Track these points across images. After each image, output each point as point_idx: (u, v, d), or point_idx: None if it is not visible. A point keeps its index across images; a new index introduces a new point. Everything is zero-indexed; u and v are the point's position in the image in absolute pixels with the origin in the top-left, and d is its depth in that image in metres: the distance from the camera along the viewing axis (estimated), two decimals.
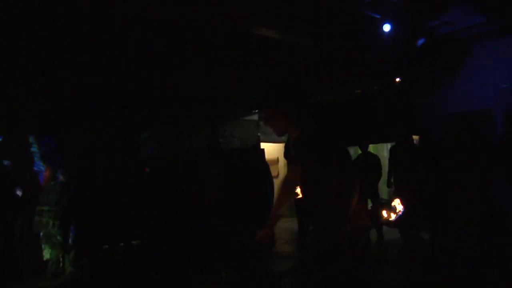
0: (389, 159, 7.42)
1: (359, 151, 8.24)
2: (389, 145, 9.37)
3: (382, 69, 8.55)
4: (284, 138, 3.19)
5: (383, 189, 8.81)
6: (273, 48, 7.40)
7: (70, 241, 6.52)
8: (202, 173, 7.08)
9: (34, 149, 7.09)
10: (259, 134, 11.43)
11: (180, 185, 8.22)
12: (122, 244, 7.83)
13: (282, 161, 11.34)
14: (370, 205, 8.18)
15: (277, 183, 10.22)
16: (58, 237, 6.41)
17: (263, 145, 11.38)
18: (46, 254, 6.62)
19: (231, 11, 6.17)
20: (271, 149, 11.08)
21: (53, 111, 7.23)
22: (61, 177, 6.56)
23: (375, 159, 7.93)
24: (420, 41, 7.69)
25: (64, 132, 7.09)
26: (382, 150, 10.80)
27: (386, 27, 7.06)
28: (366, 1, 6.54)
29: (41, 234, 6.52)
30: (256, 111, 11.86)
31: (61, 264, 6.60)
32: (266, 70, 8.58)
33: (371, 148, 9.59)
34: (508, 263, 5.30)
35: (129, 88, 8.13)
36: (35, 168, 6.98)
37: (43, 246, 6.63)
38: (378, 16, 7.02)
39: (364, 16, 6.98)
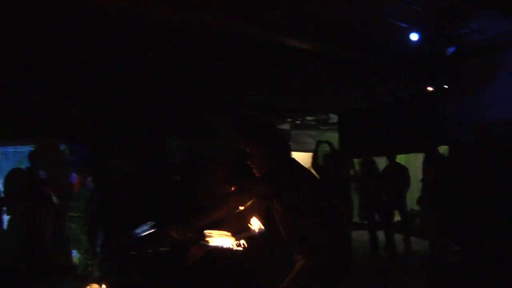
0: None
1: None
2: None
3: (412, 78, 8.42)
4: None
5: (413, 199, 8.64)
6: (303, 57, 7.45)
7: (97, 246, 6.70)
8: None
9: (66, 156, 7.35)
10: (290, 143, 11.42)
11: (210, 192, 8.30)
12: (150, 250, 7.97)
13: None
14: (397, 216, 8.10)
15: None
16: (86, 243, 6.59)
17: (294, 154, 11.36)
18: (75, 258, 6.81)
19: (264, 22, 6.29)
20: (302, 159, 10.96)
21: (84, 119, 7.49)
22: (90, 184, 6.75)
23: (403, 169, 7.81)
24: (451, 49, 7.53)
25: (94, 140, 7.29)
26: (416, 161, 10.59)
27: (414, 36, 6.95)
28: (389, 9, 6.46)
29: (70, 239, 6.71)
30: (288, 119, 11.90)
31: (89, 268, 6.78)
32: (296, 79, 8.66)
33: (403, 158, 9.45)
34: None
35: (160, 95, 8.33)
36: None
37: (72, 250, 6.83)
38: (405, 25, 6.94)
39: (391, 25, 6.92)
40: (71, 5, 5.15)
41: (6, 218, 6.55)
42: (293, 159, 2.98)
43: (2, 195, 6.62)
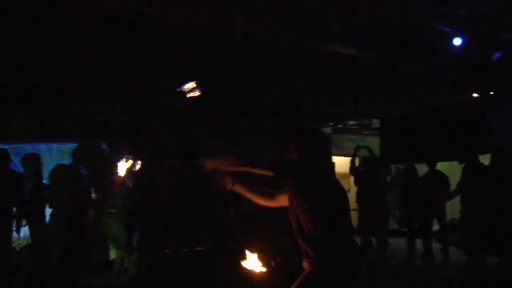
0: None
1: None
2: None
3: (457, 84, 8.21)
4: None
5: (456, 209, 8.41)
6: (346, 62, 7.41)
7: (133, 243, 6.89)
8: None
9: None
10: (331, 147, 11.35)
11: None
12: (185, 249, 8.11)
13: None
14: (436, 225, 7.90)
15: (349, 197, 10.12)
16: (123, 239, 6.79)
17: (334, 158, 11.28)
18: (112, 253, 7.03)
19: (307, 29, 6.31)
20: (343, 163, 10.92)
21: (126, 119, 7.71)
22: (128, 182, 6.94)
23: (443, 177, 7.62)
24: (497, 55, 7.28)
25: (134, 139, 7.49)
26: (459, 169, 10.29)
27: (457, 41, 6.78)
28: (430, 14, 6.34)
29: (108, 234, 6.92)
30: (330, 123, 11.82)
31: (125, 265, 6.98)
32: (339, 84, 8.62)
33: (446, 166, 9.21)
34: None
35: (201, 98, 8.44)
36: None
37: (109, 246, 7.04)
38: (449, 30, 6.78)
39: (435, 30, 6.78)
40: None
41: (48, 211, 6.80)
42: (328, 172, 2.99)
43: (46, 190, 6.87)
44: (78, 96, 7.60)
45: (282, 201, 3.04)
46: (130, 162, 3.20)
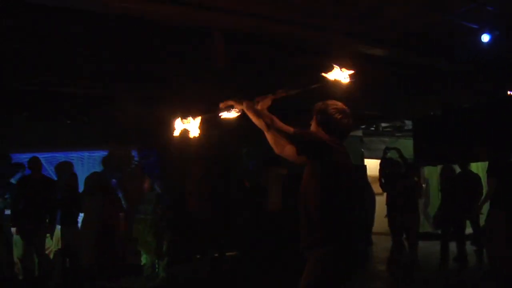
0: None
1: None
2: None
3: (490, 83, 8.00)
4: None
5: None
6: (377, 63, 7.35)
7: (163, 248, 7.00)
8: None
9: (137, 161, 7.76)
10: (362, 150, 11.25)
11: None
12: (216, 254, 8.17)
13: None
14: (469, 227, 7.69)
15: (378, 200, 10.00)
16: (153, 244, 6.90)
17: (366, 161, 11.16)
18: (143, 259, 7.15)
19: (339, 30, 6.31)
20: (375, 166, 10.79)
21: (153, 126, 7.83)
22: (157, 189, 7.06)
23: (476, 178, 7.41)
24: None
25: (163, 145, 7.60)
26: None
27: (486, 38, 6.60)
28: (459, 11, 6.20)
29: (138, 240, 7.04)
30: (362, 126, 11.68)
31: (156, 270, 7.09)
32: (371, 85, 8.53)
33: (479, 166, 8.97)
34: None
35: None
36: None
37: (140, 251, 7.17)
38: (476, 26, 6.62)
39: (464, 28, 6.64)
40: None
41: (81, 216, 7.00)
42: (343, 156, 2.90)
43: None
44: (109, 104, 7.79)
45: (289, 152, 3.01)
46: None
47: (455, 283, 6.70)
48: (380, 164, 8.14)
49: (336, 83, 2.93)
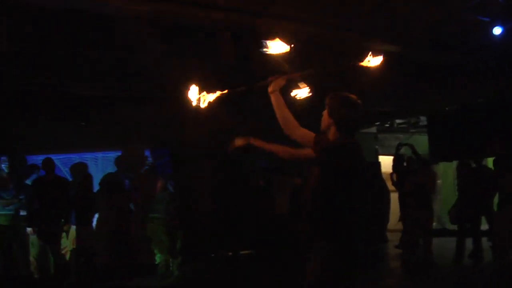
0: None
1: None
2: None
3: (500, 76, 7.87)
4: None
5: None
6: (389, 59, 7.29)
7: (177, 247, 7.06)
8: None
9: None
10: (377, 147, 11.18)
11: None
12: (230, 253, 8.21)
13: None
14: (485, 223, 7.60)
15: (393, 197, 9.93)
16: (167, 243, 6.96)
17: (380, 158, 11.09)
18: (157, 258, 7.22)
19: (350, 26, 6.29)
20: (389, 163, 10.72)
21: (168, 125, 7.90)
22: (170, 188, 7.12)
23: (491, 174, 7.31)
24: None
25: (176, 146, 7.67)
26: None
27: (497, 30, 6.50)
28: (470, 4, 6.13)
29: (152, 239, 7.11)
30: (377, 123, 11.60)
31: (170, 268, 7.15)
32: (384, 82, 8.48)
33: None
34: None
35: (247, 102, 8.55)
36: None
37: (154, 250, 7.24)
38: (487, 19, 6.53)
39: (476, 22, 6.55)
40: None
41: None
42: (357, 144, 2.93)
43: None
44: (123, 105, 7.89)
45: (305, 153, 2.97)
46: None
47: (469, 279, 6.64)
48: (393, 160, 8.10)
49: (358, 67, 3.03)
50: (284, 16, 5.80)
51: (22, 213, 6.35)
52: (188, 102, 3.19)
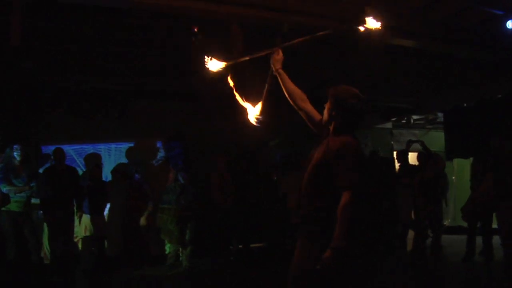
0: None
1: None
2: None
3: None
4: None
5: None
6: (406, 55, 7.25)
7: (187, 237, 7.15)
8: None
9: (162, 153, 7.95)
10: (392, 142, 11.09)
11: None
12: (240, 246, 8.26)
13: None
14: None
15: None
16: (176, 233, 7.06)
17: (396, 154, 10.97)
18: (167, 248, 7.33)
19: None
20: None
21: (181, 118, 7.99)
22: (181, 180, 7.20)
23: None
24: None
25: (188, 138, 7.76)
26: None
27: (511, 24, 6.39)
28: None
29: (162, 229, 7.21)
30: (393, 119, 11.50)
31: (180, 258, 7.25)
32: (402, 77, 8.42)
33: None
34: None
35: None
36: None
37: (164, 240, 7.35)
38: (501, 12, 6.42)
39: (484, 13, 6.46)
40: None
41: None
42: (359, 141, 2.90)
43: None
44: (137, 98, 8.02)
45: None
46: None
47: (476, 277, 6.59)
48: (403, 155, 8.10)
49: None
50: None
51: (34, 200, 6.53)
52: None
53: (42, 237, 6.88)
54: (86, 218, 6.82)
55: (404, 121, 11.62)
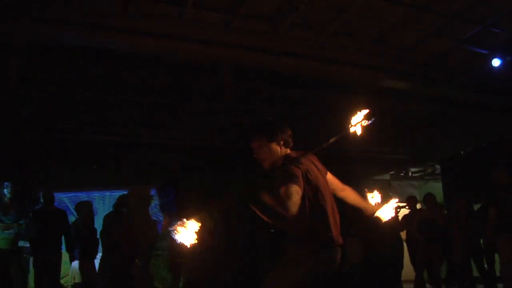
0: None
1: None
2: None
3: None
4: None
5: None
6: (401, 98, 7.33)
7: (180, 284, 6.94)
8: None
9: (156, 201, 7.90)
10: (390, 194, 10.98)
11: None
12: None
13: None
14: None
15: None
16: (168, 279, 6.87)
17: None
18: None
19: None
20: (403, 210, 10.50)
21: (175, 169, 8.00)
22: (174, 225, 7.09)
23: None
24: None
25: (181, 184, 7.74)
26: None
27: (496, 62, 6.52)
28: (464, 37, 6.19)
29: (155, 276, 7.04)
30: (391, 172, 11.46)
31: None
32: (396, 131, 8.44)
33: None
34: None
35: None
36: (154, 218, 7.68)
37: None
38: (486, 52, 6.56)
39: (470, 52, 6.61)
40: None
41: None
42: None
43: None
44: (134, 149, 8.05)
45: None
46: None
47: None
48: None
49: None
50: None
51: (23, 243, 6.42)
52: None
53: (28, 278, 6.68)
54: (75, 264, 6.67)
55: (402, 174, 11.59)
